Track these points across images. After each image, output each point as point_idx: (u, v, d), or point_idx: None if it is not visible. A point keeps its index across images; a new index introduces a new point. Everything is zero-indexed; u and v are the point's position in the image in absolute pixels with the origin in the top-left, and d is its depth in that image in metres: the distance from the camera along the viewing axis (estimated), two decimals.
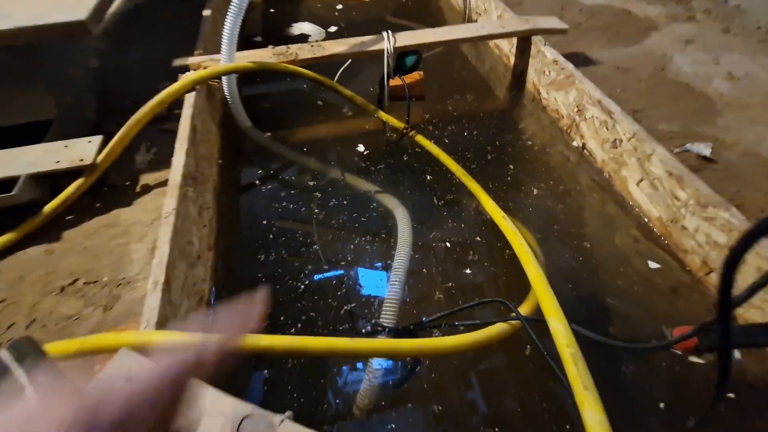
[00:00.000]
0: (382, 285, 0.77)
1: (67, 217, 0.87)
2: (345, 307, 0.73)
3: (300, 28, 1.54)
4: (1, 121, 0.90)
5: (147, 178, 0.96)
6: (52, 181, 0.86)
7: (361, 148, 1.05)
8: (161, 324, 0.53)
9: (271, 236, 0.86)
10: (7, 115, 0.90)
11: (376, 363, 0.66)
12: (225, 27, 0.92)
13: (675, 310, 0.72)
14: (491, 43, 1.39)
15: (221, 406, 0.45)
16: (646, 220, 0.85)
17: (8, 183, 0.80)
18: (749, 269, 0.67)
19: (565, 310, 0.59)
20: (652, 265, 0.78)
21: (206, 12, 1.27)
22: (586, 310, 0.73)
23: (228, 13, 0.91)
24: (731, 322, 0.29)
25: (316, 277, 0.78)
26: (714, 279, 0.73)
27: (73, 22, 0.78)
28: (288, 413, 0.46)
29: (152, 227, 0.86)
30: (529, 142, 1.06)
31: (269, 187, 0.97)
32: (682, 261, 0.78)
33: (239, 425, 0.44)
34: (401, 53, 1.12)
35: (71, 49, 1.01)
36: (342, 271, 0.79)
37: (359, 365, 0.67)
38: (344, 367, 0.67)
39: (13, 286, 0.76)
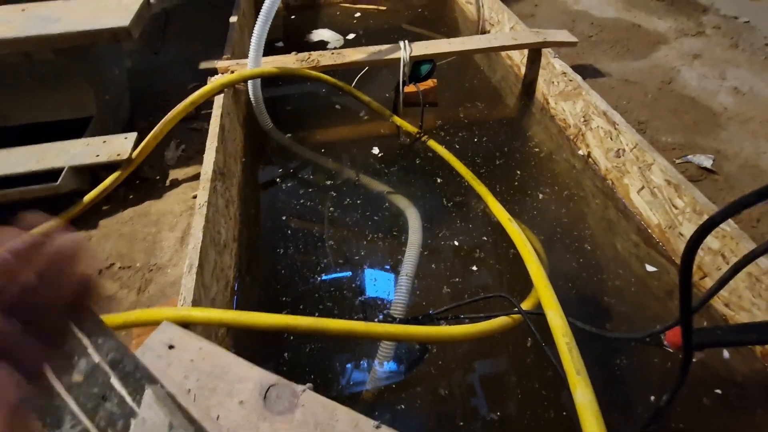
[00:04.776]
0: (393, 279, 0.82)
1: (104, 207, 0.94)
2: (359, 299, 0.79)
3: (320, 34, 1.60)
4: (49, 116, 0.98)
5: (176, 173, 1.03)
6: (91, 173, 0.93)
7: (376, 150, 1.11)
8: (196, 302, 0.59)
9: (289, 231, 0.92)
10: (54, 111, 0.98)
11: (386, 349, 0.72)
12: (253, 35, 0.99)
13: (668, 311, 0.76)
14: (503, 53, 1.44)
15: (250, 374, 0.51)
16: (645, 226, 0.89)
17: (53, 174, 0.87)
18: (742, 275, 0.71)
19: (564, 305, 0.63)
20: (650, 268, 0.82)
21: (233, 18, 1.34)
22: (585, 307, 0.77)
23: (257, 22, 0.97)
24: (691, 307, 0.34)
25: (332, 270, 0.84)
26: (708, 283, 0.77)
27: (118, 28, 0.86)
28: (309, 385, 0.52)
29: (181, 218, 0.92)
30: (537, 149, 1.11)
31: (289, 184, 1.04)
32: (679, 265, 0.82)
33: (266, 391, 0.49)
34: (416, 61, 1.17)
35: (110, 51, 1.08)
36: (356, 266, 0.85)
37: (369, 363, 0.72)
38: (357, 352, 0.72)
39: None
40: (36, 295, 0.18)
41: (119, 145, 0.93)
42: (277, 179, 1.05)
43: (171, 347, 0.50)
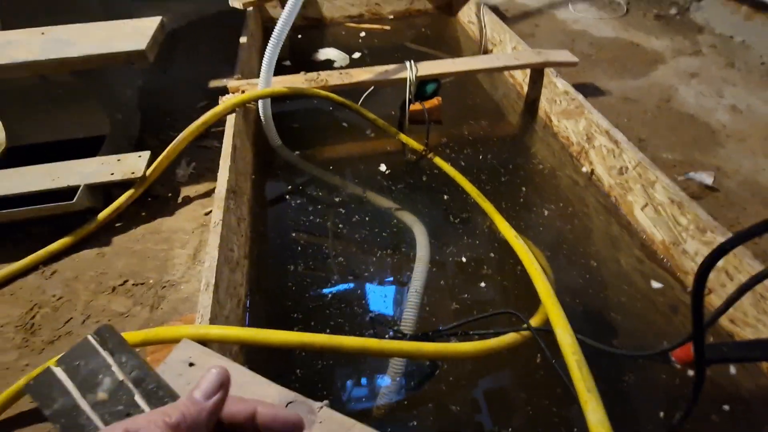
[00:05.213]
0: (402, 295, 0.83)
1: (116, 224, 0.95)
2: (369, 315, 0.80)
3: (326, 53, 1.64)
4: (64, 135, 1.00)
5: (187, 191, 1.04)
6: (105, 190, 0.95)
7: (383, 167, 1.13)
8: (213, 320, 0.60)
9: (298, 248, 0.93)
10: (69, 130, 1.00)
11: (397, 366, 0.72)
12: (265, 56, 1.02)
13: (673, 327, 0.77)
14: (505, 72, 1.48)
15: (268, 391, 0.51)
16: (649, 242, 0.91)
17: (69, 191, 0.89)
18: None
19: (571, 322, 0.65)
20: (655, 284, 0.84)
21: (243, 39, 1.38)
22: (591, 323, 0.79)
23: (268, 44, 1.00)
24: (703, 323, 0.35)
25: (342, 287, 0.85)
26: (713, 299, 0.79)
27: (135, 51, 0.88)
28: (325, 402, 0.53)
29: (193, 235, 0.94)
30: (540, 166, 1.14)
31: (297, 201, 1.05)
32: (683, 282, 0.83)
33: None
34: (422, 80, 1.20)
35: (123, 72, 1.11)
36: (364, 282, 0.86)
37: (379, 379, 0.73)
38: (366, 369, 0.73)
39: (69, 284, 0.84)
40: None
41: (133, 164, 0.95)
42: (286, 196, 1.07)
43: (191, 365, 0.51)
